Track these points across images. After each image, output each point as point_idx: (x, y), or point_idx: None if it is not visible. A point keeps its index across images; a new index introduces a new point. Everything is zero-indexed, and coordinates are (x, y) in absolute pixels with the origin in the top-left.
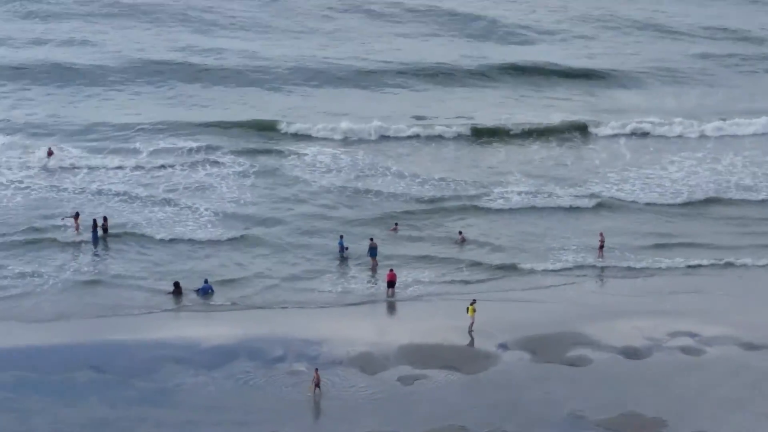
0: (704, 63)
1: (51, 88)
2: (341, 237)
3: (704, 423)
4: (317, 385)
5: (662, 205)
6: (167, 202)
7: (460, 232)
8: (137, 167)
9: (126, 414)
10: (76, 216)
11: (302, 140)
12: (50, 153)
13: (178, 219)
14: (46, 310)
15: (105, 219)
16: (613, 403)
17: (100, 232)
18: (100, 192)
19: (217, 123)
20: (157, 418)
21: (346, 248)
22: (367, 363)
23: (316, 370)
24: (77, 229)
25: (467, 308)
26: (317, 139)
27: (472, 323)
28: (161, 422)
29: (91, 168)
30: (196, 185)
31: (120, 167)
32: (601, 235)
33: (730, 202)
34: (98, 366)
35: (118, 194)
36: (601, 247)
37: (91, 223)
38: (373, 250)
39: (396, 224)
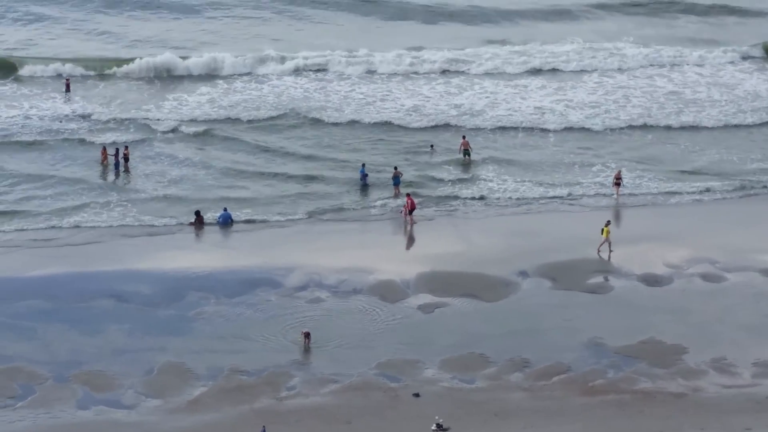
0: None
1: None
2: (363, 165)
3: (724, 349)
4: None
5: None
6: None
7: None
8: None
9: (145, 343)
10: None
11: None
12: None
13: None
14: (66, 237)
15: (126, 148)
16: (633, 330)
17: (121, 161)
18: None
19: None
20: (177, 347)
21: (367, 175)
22: (388, 291)
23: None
24: (105, 159)
25: (602, 229)
26: None
27: (603, 243)
28: (181, 351)
29: None
30: None
31: None
32: (619, 172)
33: None
34: (117, 295)
35: None
36: (617, 184)
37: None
38: (396, 179)
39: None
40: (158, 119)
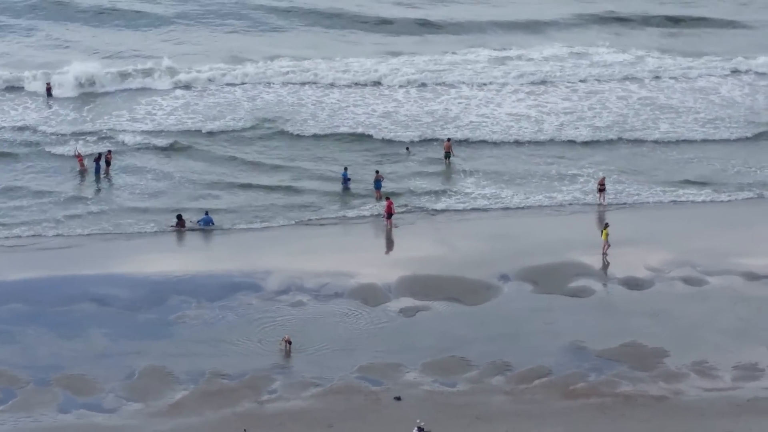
0: None
1: None
2: (345, 169)
3: (705, 353)
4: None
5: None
6: None
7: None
8: None
9: (126, 347)
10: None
11: None
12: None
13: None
14: (48, 241)
15: (109, 152)
16: (615, 333)
17: (103, 165)
18: None
19: None
20: (158, 351)
21: (349, 179)
22: (370, 295)
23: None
24: (82, 166)
25: (602, 231)
26: None
27: (606, 246)
28: (162, 354)
29: None
30: None
31: None
32: (602, 178)
33: None
34: (98, 298)
35: None
36: (601, 190)
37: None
38: (378, 182)
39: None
40: (124, 130)
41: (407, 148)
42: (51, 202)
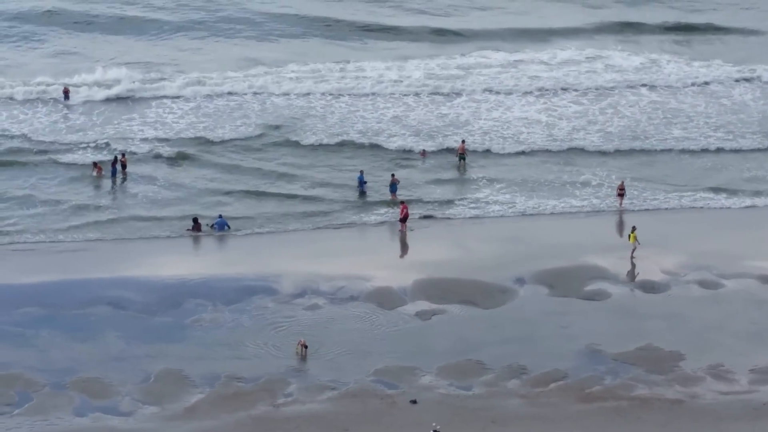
0: None
1: None
2: (361, 172)
3: (721, 356)
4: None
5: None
6: None
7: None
8: None
9: (142, 350)
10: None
11: None
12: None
13: None
14: (63, 245)
15: (123, 155)
16: (630, 336)
17: (118, 167)
18: None
19: None
20: (174, 354)
21: (365, 182)
22: (385, 298)
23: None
24: (99, 173)
25: (629, 235)
26: None
27: (634, 249)
28: (178, 358)
29: None
30: None
31: None
32: (622, 183)
33: None
34: (114, 302)
35: None
36: (620, 194)
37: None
38: (393, 186)
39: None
40: (135, 137)
41: (423, 150)
42: (66, 208)
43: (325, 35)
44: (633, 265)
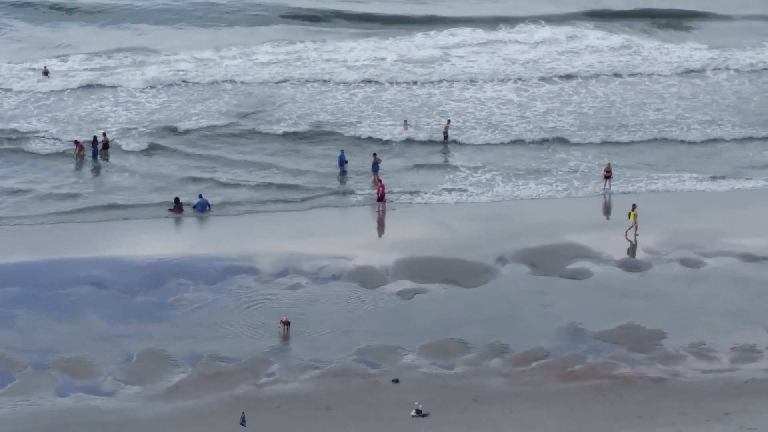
0: None
1: None
2: (342, 151)
3: (703, 334)
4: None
5: None
6: None
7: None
8: None
9: (124, 330)
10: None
11: None
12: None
13: None
14: (44, 225)
15: (104, 135)
16: (612, 315)
17: (99, 146)
18: None
19: None
20: (156, 334)
21: (346, 162)
22: (367, 277)
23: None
24: (80, 152)
25: (629, 213)
26: None
27: (633, 227)
28: (160, 338)
29: None
30: None
31: None
32: (608, 165)
33: None
34: (96, 281)
35: None
36: (607, 176)
37: (91, 139)
38: (375, 165)
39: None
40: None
41: (405, 121)
42: (46, 189)
43: (299, 20)
44: (632, 243)
